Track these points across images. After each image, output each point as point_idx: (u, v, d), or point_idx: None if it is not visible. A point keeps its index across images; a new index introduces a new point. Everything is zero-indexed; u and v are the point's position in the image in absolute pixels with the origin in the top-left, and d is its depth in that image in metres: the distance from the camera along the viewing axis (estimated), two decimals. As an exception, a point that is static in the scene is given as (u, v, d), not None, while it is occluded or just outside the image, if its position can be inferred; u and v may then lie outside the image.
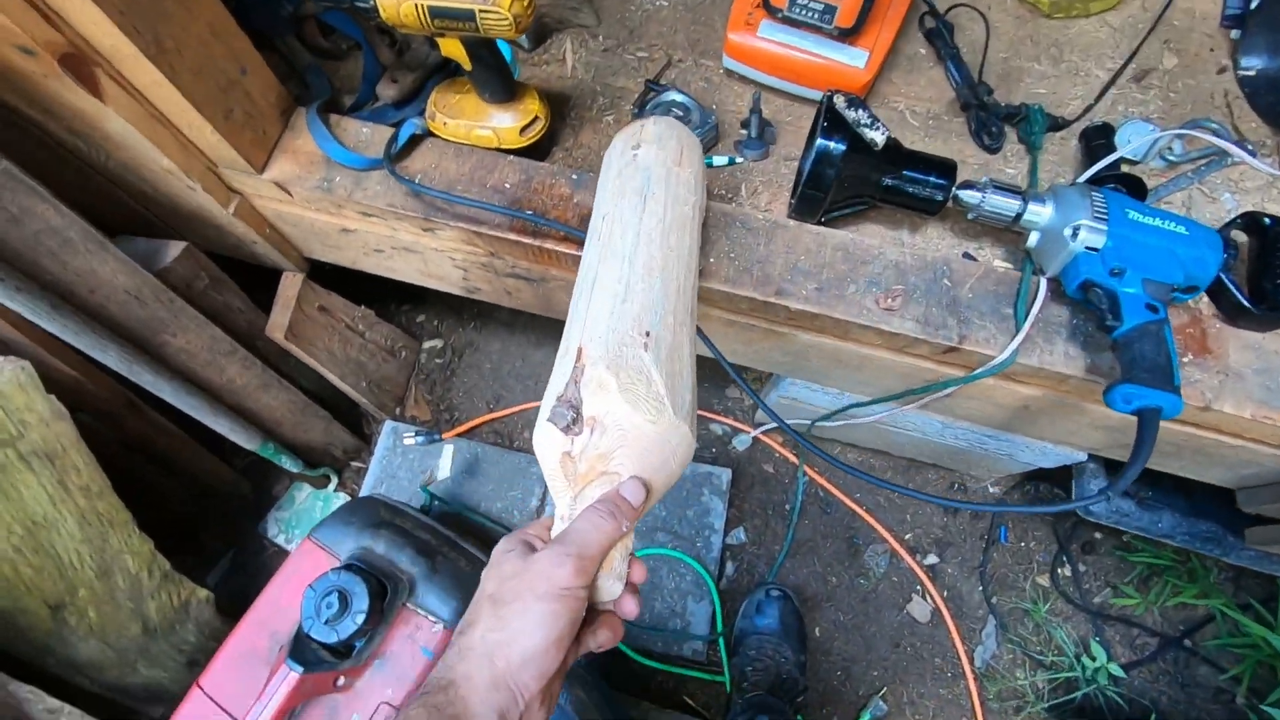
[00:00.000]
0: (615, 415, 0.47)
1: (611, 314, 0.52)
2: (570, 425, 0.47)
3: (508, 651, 0.41)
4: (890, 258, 0.79)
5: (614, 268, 0.55)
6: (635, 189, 0.61)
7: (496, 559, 0.46)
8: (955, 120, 0.90)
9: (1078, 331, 0.76)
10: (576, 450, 0.47)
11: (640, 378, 0.48)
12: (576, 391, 0.48)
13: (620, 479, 0.47)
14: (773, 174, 0.88)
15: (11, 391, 0.75)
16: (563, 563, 0.42)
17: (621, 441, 0.47)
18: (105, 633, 0.99)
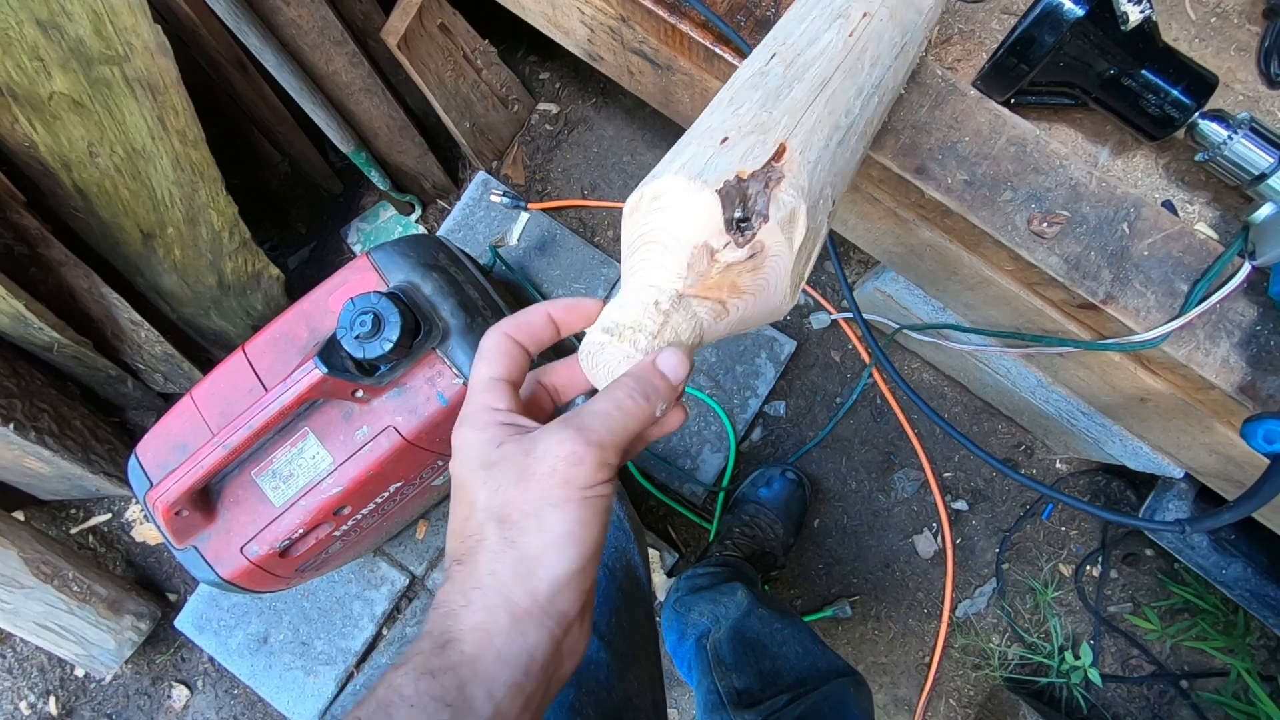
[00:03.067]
0: (775, 266, 0.37)
1: (827, 146, 0.41)
2: (735, 219, 0.35)
3: (531, 584, 0.32)
4: (1071, 174, 0.64)
5: (847, 94, 0.44)
6: (905, 24, 0.51)
7: (478, 445, 0.34)
8: (1247, 29, 0.68)
9: (1254, 340, 0.62)
10: (725, 255, 0.36)
11: (810, 244, 0.38)
12: (763, 199, 0.36)
13: (727, 317, 0.38)
14: (980, 25, 0.71)
15: (120, 8, 0.74)
16: (580, 458, 0.32)
17: (755, 291, 0.37)
18: (185, 273, 1.07)
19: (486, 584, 0.31)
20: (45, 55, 0.77)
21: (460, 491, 0.34)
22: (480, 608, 0.31)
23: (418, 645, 0.31)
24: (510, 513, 0.32)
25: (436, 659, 0.30)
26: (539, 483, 0.32)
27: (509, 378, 0.37)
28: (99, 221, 0.98)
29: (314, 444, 0.84)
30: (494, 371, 0.37)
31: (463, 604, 0.31)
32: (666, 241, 0.36)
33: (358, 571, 1.25)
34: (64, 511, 1.32)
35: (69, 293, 1.02)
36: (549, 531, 0.32)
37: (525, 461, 0.32)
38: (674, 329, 0.36)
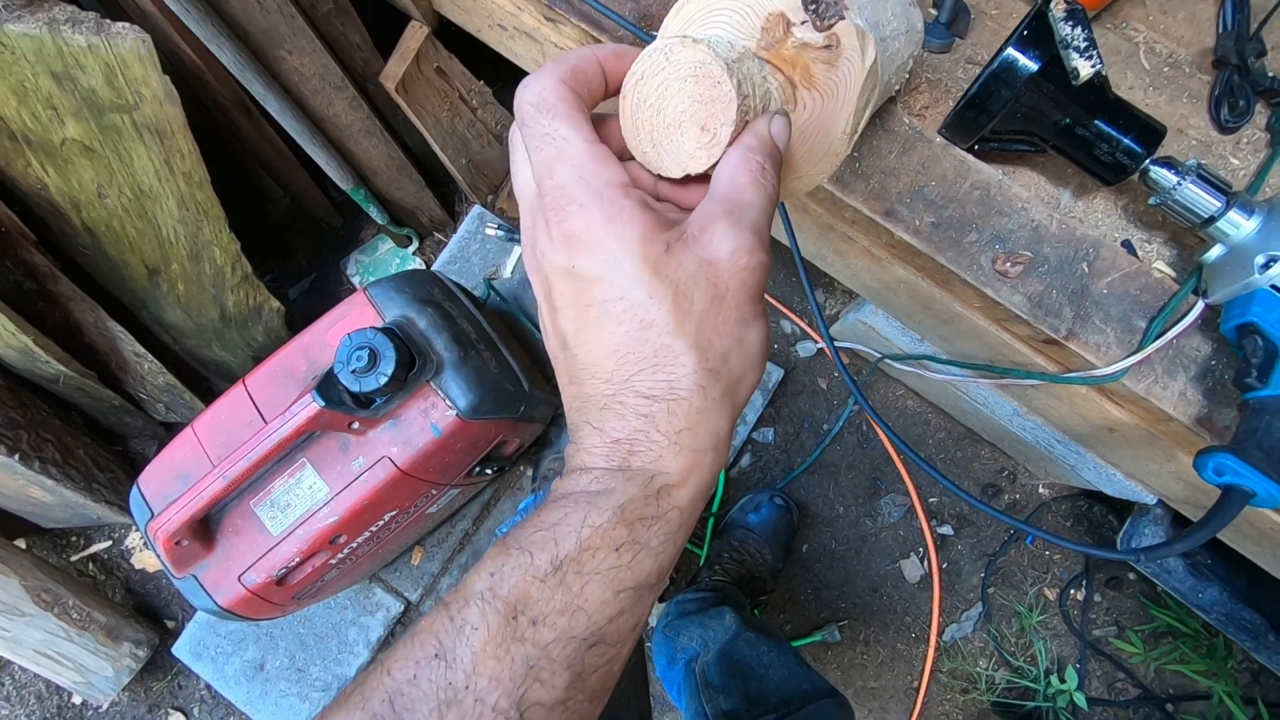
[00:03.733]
0: (848, 70, 0.34)
1: (875, 26, 0.39)
2: (810, 4, 0.33)
3: (733, 411, 0.30)
4: (1032, 217, 0.67)
5: (885, 8, 0.44)
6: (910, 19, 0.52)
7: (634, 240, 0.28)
8: (1198, 77, 0.72)
9: (1209, 375, 0.65)
10: (800, 31, 0.34)
11: (871, 85, 0.37)
12: (838, 8, 0.34)
13: (795, 107, 0.35)
14: (946, 74, 0.74)
15: (131, 60, 0.78)
16: (764, 264, 0.30)
17: (826, 92, 0.35)
18: (189, 306, 1.11)
19: (697, 422, 0.28)
20: (59, 104, 0.80)
21: (613, 304, 0.28)
22: (691, 449, 0.29)
23: (616, 483, 0.28)
24: (711, 339, 0.29)
25: (650, 507, 0.28)
26: (734, 299, 0.29)
27: (600, 140, 0.30)
28: (106, 258, 1.01)
29: (311, 474, 0.87)
30: (585, 132, 0.29)
31: (669, 445, 0.28)
32: (739, 8, 0.34)
33: (354, 598, 1.26)
34: (65, 539, 1.34)
35: (75, 326, 1.05)
36: (748, 352, 0.30)
37: (714, 274, 0.29)
38: (750, 74, 0.32)
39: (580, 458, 0.29)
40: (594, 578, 0.26)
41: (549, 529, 0.27)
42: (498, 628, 0.25)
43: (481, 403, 0.89)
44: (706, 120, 0.30)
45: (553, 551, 0.27)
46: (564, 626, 0.26)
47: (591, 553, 0.27)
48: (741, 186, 0.30)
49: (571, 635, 0.26)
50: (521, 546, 0.27)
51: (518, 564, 0.27)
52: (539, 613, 0.26)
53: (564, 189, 0.28)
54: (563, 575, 0.26)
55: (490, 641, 0.25)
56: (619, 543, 0.27)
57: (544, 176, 0.29)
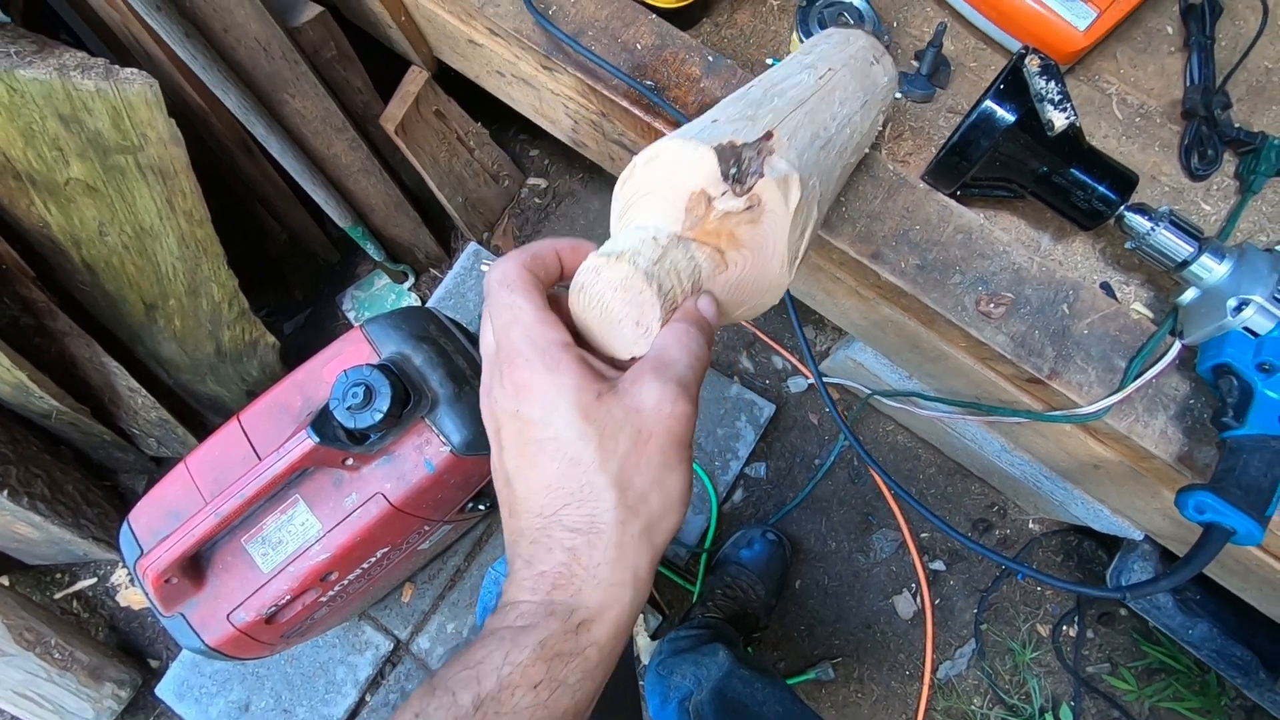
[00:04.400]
0: (773, 223, 0.38)
1: (810, 144, 0.44)
2: (730, 173, 0.37)
3: (652, 551, 0.32)
4: (1014, 260, 0.69)
5: (823, 114, 0.48)
6: (865, 87, 0.56)
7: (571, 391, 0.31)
8: (1169, 127, 0.75)
9: (1188, 414, 0.66)
10: (721, 202, 0.37)
11: (804, 216, 0.40)
12: (757, 158, 0.37)
13: (726, 270, 0.38)
14: (928, 122, 0.77)
15: (138, 104, 0.80)
16: (688, 415, 0.32)
17: (754, 248, 0.38)
18: (185, 341, 1.11)
19: (614, 558, 0.30)
20: (65, 146, 0.82)
21: (548, 444, 0.31)
22: (608, 583, 0.30)
23: (539, 619, 0.30)
24: (632, 478, 0.31)
25: (570, 643, 0.30)
26: (657, 444, 0.31)
27: (550, 309, 0.34)
28: (104, 294, 1.02)
29: (304, 511, 0.86)
30: (537, 301, 0.34)
31: (589, 579, 0.30)
32: (663, 190, 0.37)
33: (342, 636, 1.25)
34: (49, 576, 1.32)
35: (70, 361, 1.06)
36: (670, 495, 0.32)
37: (639, 421, 0.31)
38: (673, 263, 0.36)
39: (511, 591, 0.31)
40: (511, 717, 0.28)
41: (473, 667, 0.29)
42: None
43: (476, 439, 0.89)
44: (639, 318, 0.35)
45: (475, 690, 0.28)
46: None
47: (511, 690, 0.28)
48: (669, 348, 0.34)
49: None
50: (446, 687, 0.29)
51: (441, 704, 0.28)
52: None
53: (515, 345, 0.32)
54: (484, 714, 0.28)
55: None
56: (537, 680, 0.29)
57: (501, 336, 0.33)
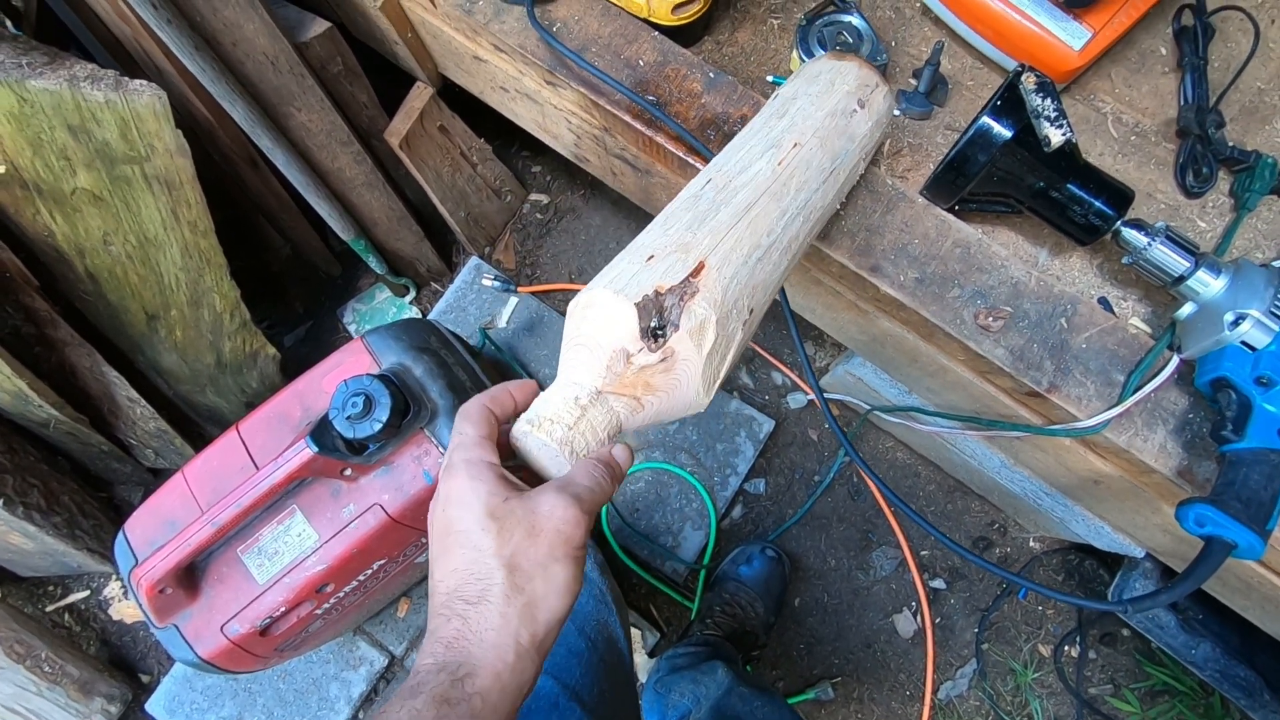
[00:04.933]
0: (685, 368, 0.43)
1: (745, 263, 0.47)
2: (650, 328, 0.42)
3: (534, 626, 0.37)
4: (1012, 274, 0.70)
5: (770, 216, 0.51)
6: (835, 152, 0.58)
7: (483, 494, 0.39)
8: (1164, 145, 0.76)
9: (1187, 428, 0.66)
10: (639, 359, 0.42)
11: (722, 349, 0.45)
12: (677, 310, 0.42)
13: (642, 411, 0.44)
14: (927, 139, 0.78)
15: (146, 115, 0.81)
16: (578, 521, 0.39)
17: (668, 390, 0.43)
18: (185, 352, 1.11)
19: (498, 625, 0.37)
20: (72, 155, 0.83)
21: (460, 535, 0.38)
22: (493, 645, 0.36)
23: (431, 676, 0.35)
24: (520, 562, 0.38)
25: (455, 690, 0.35)
26: (546, 539, 0.38)
27: (493, 438, 0.43)
28: (106, 304, 1.02)
29: (301, 521, 0.86)
30: (482, 431, 0.42)
31: (476, 641, 0.36)
32: (591, 345, 0.43)
33: (336, 651, 1.23)
34: (41, 588, 1.30)
35: (70, 371, 1.06)
36: (553, 581, 0.38)
37: (533, 519, 0.38)
38: (590, 422, 0.42)
39: (420, 661, 0.37)
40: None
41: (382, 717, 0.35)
42: None
43: (474, 450, 0.89)
44: (557, 469, 0.43)
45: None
46: None
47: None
48: (576, 474, 0.41)
49: None
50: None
51: None
52: None
53: (453, 462, 0.41)
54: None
55: None
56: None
57: (448, 456, 0.42)
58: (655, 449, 1.22)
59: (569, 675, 0.71)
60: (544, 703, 0.68)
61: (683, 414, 0.46)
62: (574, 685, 0.70)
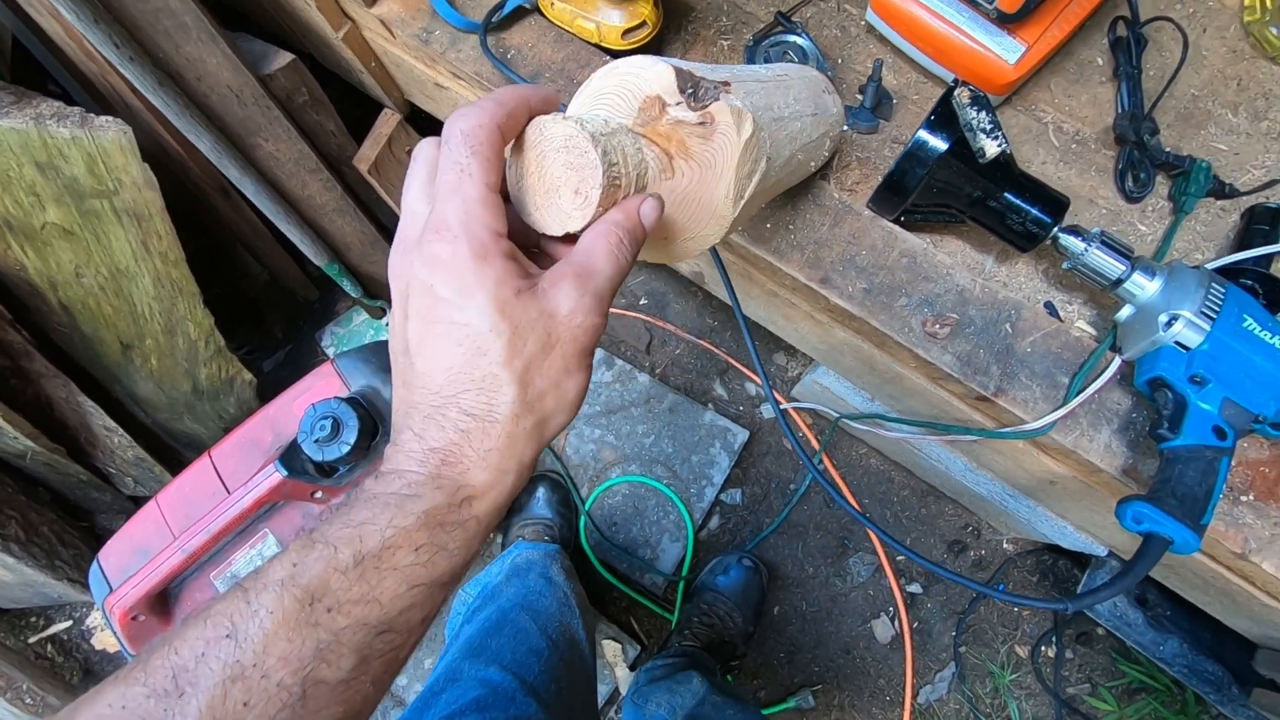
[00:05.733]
0: (723, 145, 0.38)
1: (765, 113, 0.45)
2: (687, 91, 0.38)
3: (538, 444, 0.33)
4: (957, 282, 0.72)
5: (775, 98, 0.49)
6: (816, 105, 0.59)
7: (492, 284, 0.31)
8: (1104, 152, 0.78)
9: (1131, 426, 0.68)
10: (675, 110, 0.38)
11: (753, 158, 0.41)
12: (714, 90, 0.38)
13: (671, 178, 0.39)
14: (874, 153, 0.80)
15: (113, 150, 0.83)
16: (597, 327, 0.33)
17: (701, 164, 0.39)
18: (161, 380, 1.13)
19: (504, 446, 0.32)
20: (41, 191, 0.85)
21: (459, 329, 0.31)
22: (496, 467, 0.32)
23: (425, 492, 0.30)
24: (534, 378, 0.32)
25: (453, 515, 0.31)
26: (563, 349, 0.33)
27: (499, 183, 0.33)
28: (80, 335, 1.04)
29: (273, 545, 0.87)
30: (489, 177, 0.32)
31: (478, 460, 0.32)
32: (620, 93, 0.38)
33: (320, 674, 1.23)
34: (24, 619, 1.31)
35: (46, 402, 1.06)
36: (564, 397, 0.33)
37: (550, 325, 0.32)
38: (620, 143, 0.35)
39: (397, 459, 0.32)
40: (392, 573, 0.29)
41: (355, 527, 0.29)
42: (293, 612, 0.27)
43: (445, 469, 0.90)
44: (579, 185, 0.34)
45: (356, 547, 0.29)
46: (358, 615, 0.28)
47: (393, 551, 0.29)
48: (596, 254, 0.34)
49: (364, 623, 0.28)
50: (327, 541, 0.29)
51: (321, 556, 0.28)
52: (335, 601, 0.28)
53: (449, 217, 0.31)
54: (363, 569, 0.28)
55: (284, 625, 0.27)
56: (419, 544, 0.30)
57: (440, 198, 0.32)
58: (631, 462, 1.23)
59: (528, 672, 0.72)
60: (501, 697, 0.69)
61: (705, 226, 0.41)
62: (532, 681, 0.71)
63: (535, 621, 0.81)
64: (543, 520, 1.16)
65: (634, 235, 0.35)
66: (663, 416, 1.24)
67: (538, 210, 0.36)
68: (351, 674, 0.28)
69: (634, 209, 0.36)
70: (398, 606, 0.29)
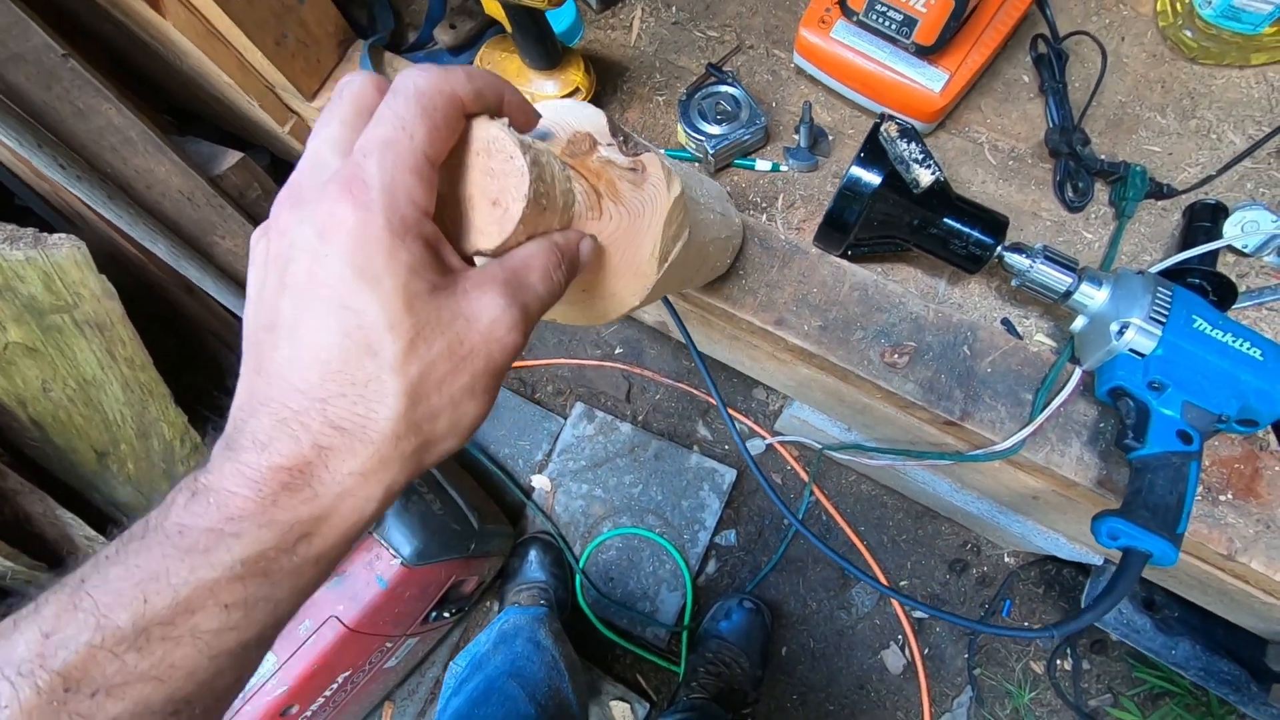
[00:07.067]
0: (654, 195, 0.37)
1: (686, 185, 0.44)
2: (619, 135, 0.36)
3: (415, 469, 0.27)
4: (911, 310, 0.72)
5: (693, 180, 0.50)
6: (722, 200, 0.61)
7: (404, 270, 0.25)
8: (1041, 166, 0.79)
9: (1100, 437, 0.68)
10: (607, 152, 0.36)
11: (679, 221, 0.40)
12: (643, 142, 0.38)
13: (599, 219, 0.36)
14: (817, 189, 0.82)
15: (68, 266, 0.83)
16: (516, 346, 0.29)
17: (630, 211, 0.37)
18: (140, 484, 1.12)
19: (372, 470, 0.26)
20: (1, 313, 0.85)
21: (345, 313, 0.25)
22: (354, 495, 0.26)
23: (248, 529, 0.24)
24: (428, 390, 0.26)
25: (284, 560, 0.24)
26: (473, 365, 0.27)
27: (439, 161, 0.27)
28: (54, 447, 1.03)
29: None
30: (433, 149, 0.27)
31: (333, 484, 0.25)
32: (550, 125, 0.36)
33: (326, 768, 1.20)
34: (20, 742, 1.27)
35: (24, 519, 1.05)
36: (460, 420, 0.28)
37: (463, 332, 0.27)
38: (551, 165, 0.32)
39: (224, 474, 0.25)
40: (188, 641, 0.23)
41: (139, 583, 0.22)
42: (38, 707, 0.21)
43: (426, 547, 0.89)
44: (498, 195, 0.29)
45: (137, 611, 0.22)
46: (136, 695, 0.22)
47: (190, 614, 0.23)
48: (533, 268, 0.30)
49: (147, 706, 0.22)
50: (96, 604, 0.22)
51: (86, 625, 0.22)
52: (102, 683, 0.21)
53: (369, 173, 0.25)
54: (146, 639, 0.22)
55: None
56: (229, 601, 0.23)
57: (365, 151, 0.26)
58: (622, 514, 1.22)
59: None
60: None
61: (628, 283, 0.39)
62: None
63: (523, 688, 0.80)
64: (537, 584, 1.14)
65: (571, 266, 0.31)
66: (649, 464, 1.23)
67: (452, 223, 0.31)
68: None
69: (575, 239, 0.32)
70: (195, 680, 0.23)
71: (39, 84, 0.72)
